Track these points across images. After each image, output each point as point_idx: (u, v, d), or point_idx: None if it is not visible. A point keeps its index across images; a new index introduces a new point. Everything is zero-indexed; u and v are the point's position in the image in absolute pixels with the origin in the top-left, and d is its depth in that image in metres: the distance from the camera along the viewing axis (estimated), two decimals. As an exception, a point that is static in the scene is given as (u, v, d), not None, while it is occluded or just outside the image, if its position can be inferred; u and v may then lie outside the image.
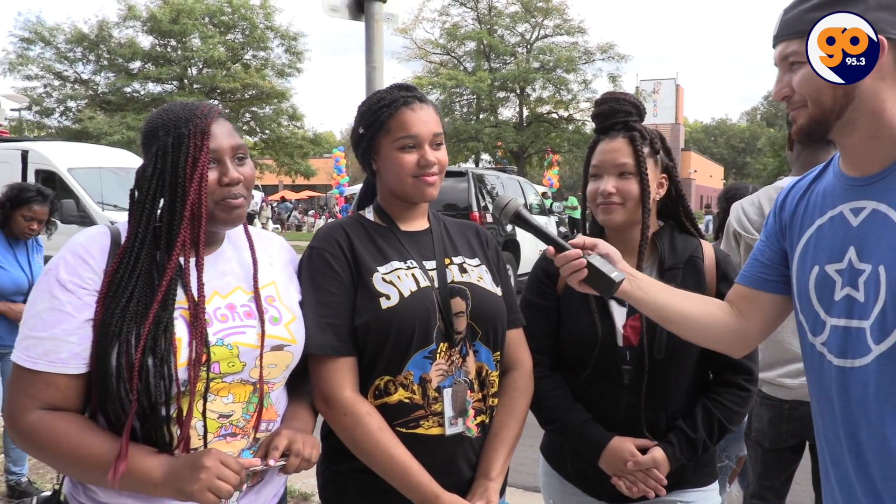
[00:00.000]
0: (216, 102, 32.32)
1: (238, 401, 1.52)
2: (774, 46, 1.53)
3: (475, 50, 33.20)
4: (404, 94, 1.80)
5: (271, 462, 1.48)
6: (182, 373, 1.42)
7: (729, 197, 3.78)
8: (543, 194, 14.43)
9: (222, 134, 1.52)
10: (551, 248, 1.71)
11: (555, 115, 33.85)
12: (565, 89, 32.51)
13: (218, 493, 1.36)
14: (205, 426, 1.47)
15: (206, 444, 1.48)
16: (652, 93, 34.51)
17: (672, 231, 2.06)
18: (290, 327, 1.62)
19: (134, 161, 12.69)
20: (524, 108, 33.48)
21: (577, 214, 23.23)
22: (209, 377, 1.45)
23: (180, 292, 1.48)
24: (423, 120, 1.78)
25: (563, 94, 32.81)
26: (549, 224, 13.82)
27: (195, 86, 31.78)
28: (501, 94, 32.43)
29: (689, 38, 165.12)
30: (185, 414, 1.43)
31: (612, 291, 1.64)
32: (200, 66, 32.00)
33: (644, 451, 1.91)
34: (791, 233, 1.65)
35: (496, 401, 1.85)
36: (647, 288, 1.71)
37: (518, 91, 32.68)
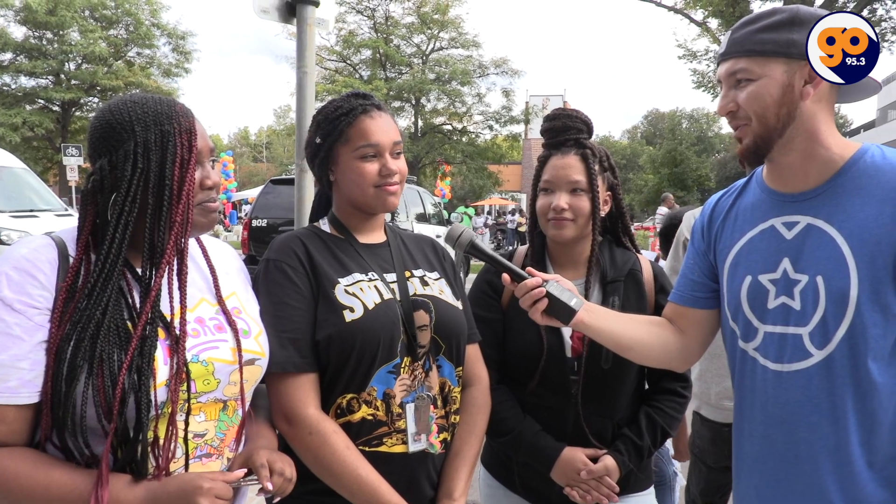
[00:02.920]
0: (97, 101, 30.75)
1: (210, 419, 1.43)
2: (720, 64, 1.60)
3: (371, 58, 33.03)
4: (362, 102, 1.76)
5: (269, 485, 1.39)
6: (161, 394, 1.31)
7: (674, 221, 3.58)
8: (436, 205, 14.45)
9: (202, 134, 1.44)
10: (507, 277, 1.71)
11: (449, 127, 34.19)
12: (460, 101, 32.86)
13: None
14: (186, 450, 1.36)
15: (186, 468, 1.37)
16: (542, 108, 35.36)
17: (611, 245, 2.13)
18: (259, 340, 1.55)
19: (7, 159, 11.73)
20: (419, 119, 33.62)
21: (468, 223, 23.53)
22: (190, 397, 1.35)
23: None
24: (383, 128, 1.75)
25: (457, 106, 33.16)
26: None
27: (73, 81, 29.95)
28: (397, 104, 32.41)
29: (576, 57, 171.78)
30: (161, 439, 1.32)
31: (570, 320, 1.66)
32: (79, 62, 30.21)
33: (594, 459, 1.95)
34: (719, 246, 1.73)
35: (458, 417, 1.83)
36: (603, 318, 1.74)
37: (413, 101, 32.77)
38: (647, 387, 2.15)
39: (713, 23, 22.30)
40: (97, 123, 1.39)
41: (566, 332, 2.00)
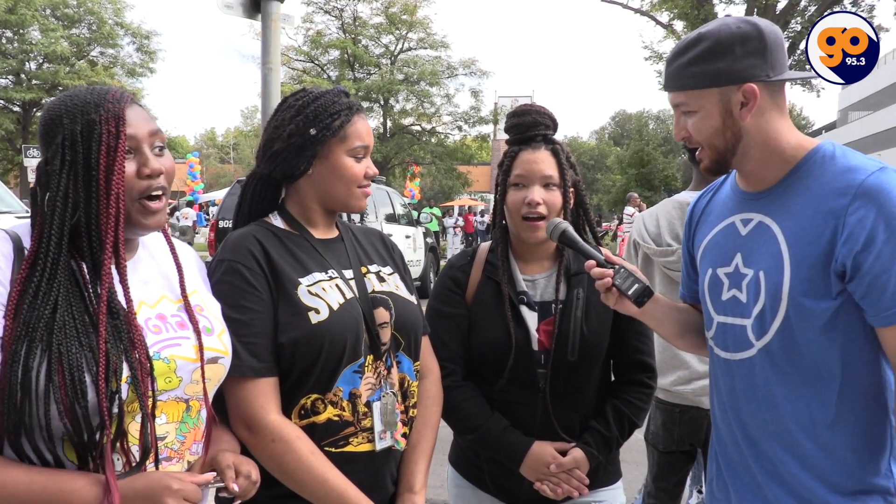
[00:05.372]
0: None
1: (171, 420, 1.39)
2: (666, 91, 1.67)
3: (339, 59, 32.91)
4: (353, 102, 1.76)
5: (234, 487, 1.37)
6: (122, 391, 1.27)
7: None
8: (405, 206, 14.39)
9: (138, 119, 1.36)
10: (591, 263, 1.71)
11: (418, 128, 34.19)
12: (429, 102, 32.89)
13: None
14: (155, 451, 1.32)
15: (157, 467, 1.34)
16: (510, 109, 35.52)
17: None
18: (222, 338, 1.51)
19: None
20: (388, 120, 33.56)
21: (436, 226, 23.53)
22: (154, 395, 1.31)
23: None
24: (370, 131, 1.78)
25: (426, 106, 33.18)
26: (416, 234, 13.87)
27: (34, 81, 29.37)
28: (365, 105, 32.31)
29: (544, 58, 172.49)
30: (121, 438, 1.28)
31: (644, 297, 1.65)
32: (40, 61, 29.64)
33: (563, 453, 1.96)
34: (696, 241, 1.82)
35: (416, 411, 1.82)
36: (662, 307, 1.82)
37: (382, 102, 32.70)
38: (612, 379, 2.16)
39: (678, 25, 22.60)
40: (39, 123, 1.36)
41: (532, 325, 2.00)
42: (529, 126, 2.05)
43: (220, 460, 1.40)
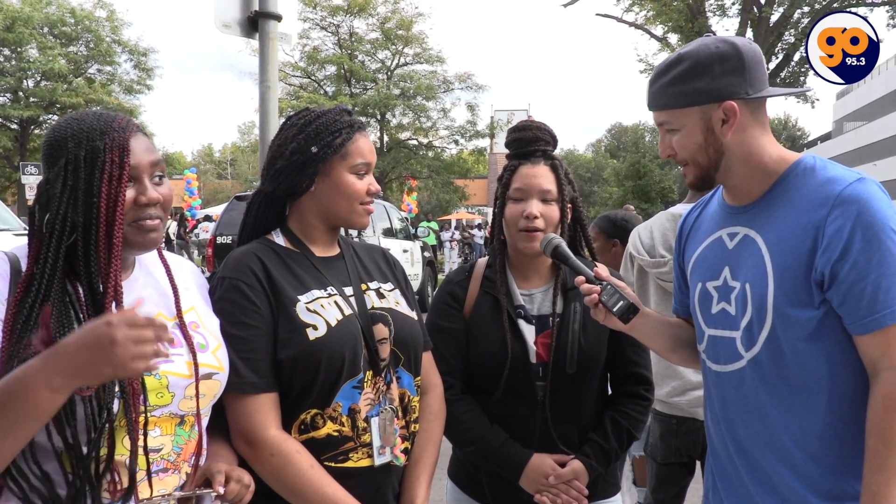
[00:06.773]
0: (56, 118, 30.20)
1: (165, 433, 1.42)
2: (650, 110, 1.72)
3: (336, 74, 33.00)
4: (355, 120, 1.79)
5: (220, 489, 1.39)
6: (114, 408, 1.29)
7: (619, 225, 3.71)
8: (402, 220, 14.43)
9: (141, 149, 1.39)
10: (581, 278, 1.75)
11: (415, 142, 34.26)
12: (425, 116, 32.94)
13: (144, 360, 1.15)
14: (148, 463, 1.35)
15: (150, 482, 1.36)
16: (506, 123, 35.56)
17: None
18: (217, 354, 1.53)
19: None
20: (385, 134, 33.62)
21: (432, 240, 23.54)
22: (146, 410, 1.34)
23: None
24: (372, 148, 1.80)
25: (422, 121, 33.25)
26: (414, 248, 13.90)
27: (32, 99, 29.44)
28: (362, 120, 32.31)
29: (539, 72, 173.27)
30: (118, 454, 1.31)
31: (626, 322, 1.70)
32: (38, 79, 29.73)
33: (562, 465, 1.97)
34: (686, 256, 1.86)
35: (417, 426, 1.84)
36: (652, 322, 1.83)
37: (379, 117, 32.74)
38: (610, 391, 2.18)
39: (673, 38, 22.77)
40: (43, 142, 1.38)
41: (530, 338, 2.02)
42: (530, 141, 2.08)
43: (211, 467, 1.43)
